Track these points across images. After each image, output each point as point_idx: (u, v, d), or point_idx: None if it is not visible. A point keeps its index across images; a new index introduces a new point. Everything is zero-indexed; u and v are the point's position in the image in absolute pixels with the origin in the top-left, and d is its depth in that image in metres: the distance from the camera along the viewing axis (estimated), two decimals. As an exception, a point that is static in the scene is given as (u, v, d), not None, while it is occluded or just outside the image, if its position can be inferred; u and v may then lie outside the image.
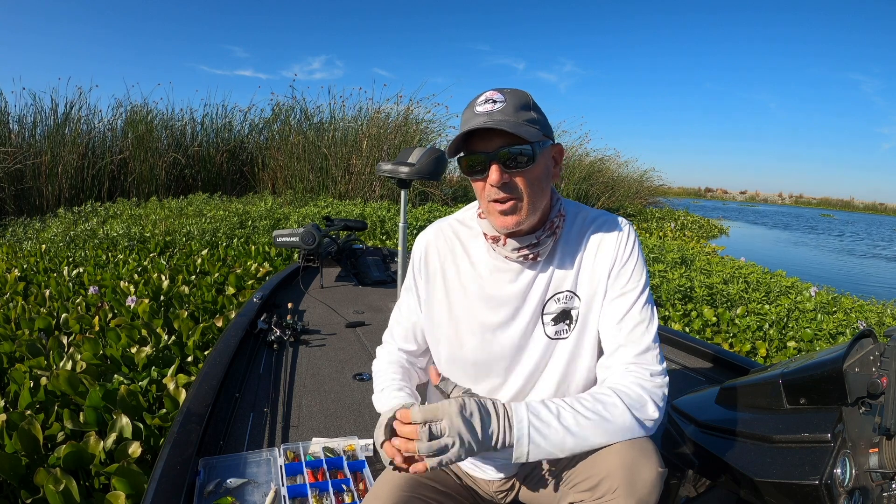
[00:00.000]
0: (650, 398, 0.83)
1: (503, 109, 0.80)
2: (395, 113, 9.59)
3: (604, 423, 0.79)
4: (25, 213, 7.34)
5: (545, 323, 0.92)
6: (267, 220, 6.09)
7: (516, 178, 0.82)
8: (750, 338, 3.35)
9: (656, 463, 0.81)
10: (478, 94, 0.84)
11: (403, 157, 2.34)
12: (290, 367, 1.87)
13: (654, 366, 0.86)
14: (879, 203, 59.41)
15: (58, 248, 4.57)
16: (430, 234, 1.01)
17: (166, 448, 1.15)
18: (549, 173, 0.88)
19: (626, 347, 0.87)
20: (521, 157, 0.80)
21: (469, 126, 0.80)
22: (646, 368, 0.85)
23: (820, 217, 32.62)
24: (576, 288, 0.92)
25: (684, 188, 54.29)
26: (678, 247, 7.03)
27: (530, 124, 0.81)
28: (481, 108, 0.81)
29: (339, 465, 1.26)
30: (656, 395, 0.84)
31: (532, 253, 0.88)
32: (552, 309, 0.92)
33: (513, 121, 0.79)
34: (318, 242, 2.95)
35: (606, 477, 0.82)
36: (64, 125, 8.40)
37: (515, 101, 0.81)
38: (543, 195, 0.86)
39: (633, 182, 15.19)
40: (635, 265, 0.90)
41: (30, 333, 2.55)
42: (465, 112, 0.85)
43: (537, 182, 0.84)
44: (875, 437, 0.90)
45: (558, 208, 0.91)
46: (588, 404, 0.80)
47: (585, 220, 0.94)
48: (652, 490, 0.79)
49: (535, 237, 0.88)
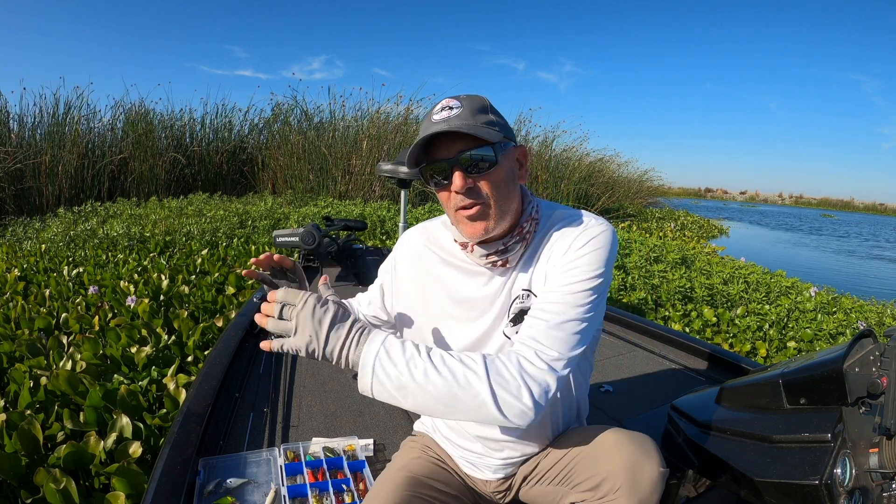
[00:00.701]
0: (523, 382, 0.73)
1: (460, 115, 0.79)
2: (395, 113, 9.61)
3: (453, 389, 0.71)
4: (25, 213, 7.34)
5: (503, 325, 0.91)
6: (267, 220, 6.09)
7: (480, 182, 0.81)
8: (750, 338, 3.35)
9: (658, 463, 0.81)
10: (434, 104, 0.84)
11: (403, 157, 2.34)
12: (290, 367, 1.87)
13: (548, 350, 0.77)
14: (879, 203, 59.41)
15: (58, 247, 4.57)
16: (415, 232, 1.03)
17: (166, 448, 1.15)
18: (515, 175, 0.86)
19: (530, 325, 0.80)
20: (482, 163, 0.80)
21: (426, 133, 0.79)
22: (537, 349, 0.77)
23: (823, 218, 32.48)
24: (531, 285, 0.89)
25: (684, 188, 54.31)
26: (678, 247, 7.03)
27: (489, 126, 0.80)
28: (438, 115, 0.80)
29: (339, 465, 1.26)
30: (534, 381, 0.74)
31: (500, 259, 0.87)
32: (513, 310, 0.90)
33: (471, 124, 0.79)
34: (318, 242, 2.94)
35: (608, 477, 0.82)
36: (64, 125, 8.40)
37: (472, 106, 0.81)
38: (510, 198, 0.85)
39: (632, 182, 15.18)
40: (586, 256, 0.82)
41: (30, 333, 2.55)
42: (422, 122, 0.84)
43: (503, 185, 0.83)
44: (875, 437, 0.90)
45: (530, 212, 0.88)
46: (449, 362, 0.73)
47: (557, 219, 0.90)
48: (654, 490, 0.79)
49: (503, 243, 0.86)
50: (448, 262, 0.96)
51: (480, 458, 1.00)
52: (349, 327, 0.74)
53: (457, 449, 1.03)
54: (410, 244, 1.02)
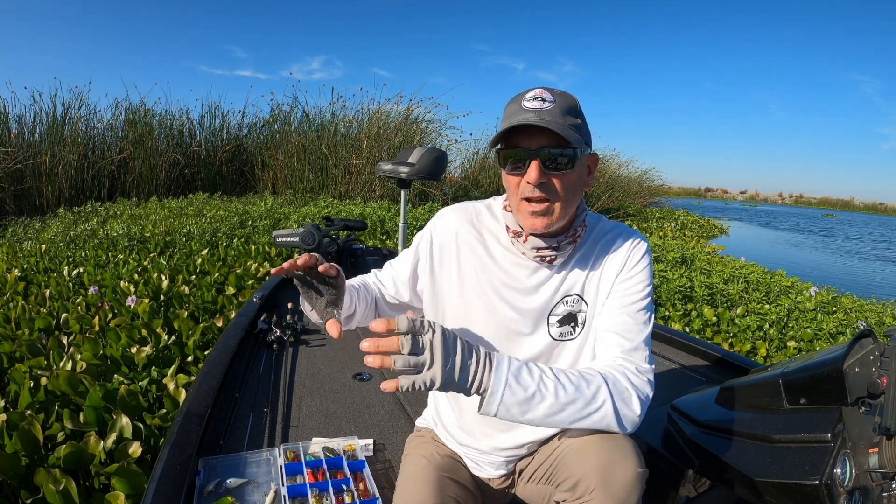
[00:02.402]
0: (635, 393, 0.81)
1: (551, 110, 0.79)
2: (395, 113, 9.60)
3: (580, 405, 0.77)
4: (25, 213, 7.34)
5: (550, 324, 0.93)
6: (267, 220, 6.09)
7: (554, 179, 0.82)
8: (750, 338, 3.35)
9: (635, 463, 0.80)
10: (524, 90, 0.83)
11: (403, 157, 2.34)
12: (289, 367, 1.87)
13: (642, 364, 0.85)
14: (880, 203, 59.41)
15: (58, 248, 4.57)
16: (455, 214, 0.98)
17: (166, 448, 1.15)
18: (583, 181, 0.88)
19: (617, 343, 0.87)
20: (561, 159, 0.80)
21: (516, 120, 0.79)
22: (634, 364, 0.85)
23: (828, 218, 32.15)
24: (583, 293, 0.92)
25: (684, 188, 54.31)
26: (678, 246, 7.03)
27: (575, 129, 0.81)
28: (530, 104, 0.80)
29: (339, 465, 1.26)
30: (641, 393, 0.82)
31: (550, 256, 0.89)
32: (559, 311, 0.93)
33: (560, 123, 0.79)
34: (318, 242, 2.94)
35: (583, 477, 0.82)
36: (63, 125, 8.40)
37: (564, 105, 0.81)
38: (575, 201, 0.86)
39: (633, 182, 15.18)
40: (640, 273, 0.91)
41: (30, 333, 2.55)
42: (509, 105, 0.84)
43: (572, 187, 0.84)
44: (875, 437, 0.90)
45: (583, 218, 0.92)
46: (575, 380, 0.78)
47: (603, 229, 0.95)
48: (631, 491, 0.79)
49: (557, 241, 0.88)
50: (491, 247, 0.95)
51: (484, 455, 1.01)
52: (475, 352, 0.74)
53: (461, 447, 1.04)
54: (451, 224, 0.98)
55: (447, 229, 0.97)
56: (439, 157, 2.33)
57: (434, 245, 0.98)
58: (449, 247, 0.97)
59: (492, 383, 0.73)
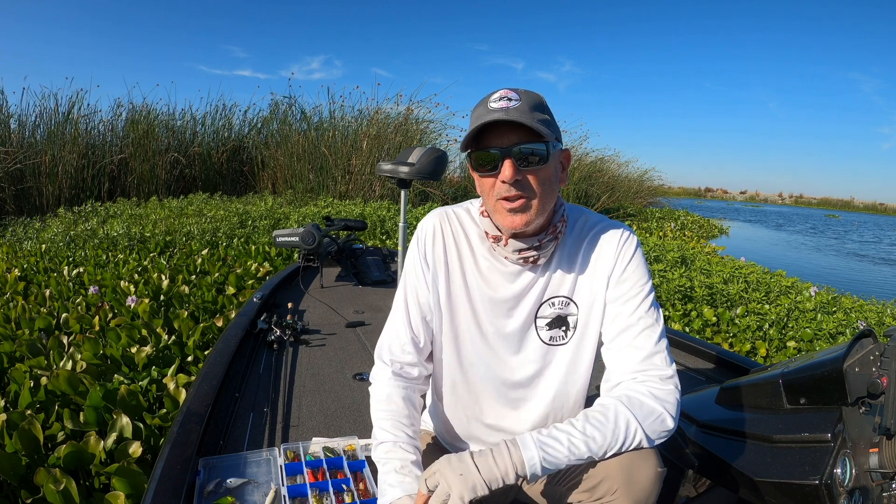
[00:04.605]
0: (664, 409, 0.81)
1: (519, 107, 0.79)
2: (395, 113, 9.61)
3: (612, 443, 0.78)
4: (25, 213, 7.33)
5: (539, 327, 0.92)
6: (267, 220, 6.09)
7: (529, 175, 0.81)
8: (750, 338, 3.35)
9: (655, 463, 0.81)
10: (490, 92, 0.83)
11: (403, 157, 2.34)
12: (290, 367, 1.87)
13: (663, 369, 0.84)
14: (880, 203, 59.37)
15: (58, 247, 4.57)
16: (437, 219, 0.97)
17: (166, 448, 1.15)
18: (558, 176, 0.87)
19: (632, 354, 0.86)
20: (533, 156, 0.80)
21: (485, 119, 0.79)
22: (654, 374, 0.84)
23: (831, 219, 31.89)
24: (573, 294, 0.91)
25: (684, 188, 54.28)
26: (678, 246, 7.03)
27: (544, 125, 0.81)
28: (496, 104, 0.80)
29: (339, 464, 1.26)
30: (670, 405, 0.82)
31: (533, 256, 0.88)
32: (546, 313, 0.91)
33: (529, 118, 0.79)
34: (318, 242, 2.94)
35: (605, 478, 0.82)
36: (64, 124, 8.40)
37: (531, 101, 0.81)
38: (552, 197, 0.86)
39: (633, 182, 15.20)
40: (635, 270, 0.89)
41: (30, 333, 2.55)
42: (476, 108, 0.84)
43: (548, 182, 0.83)
44: (875, 436, 0.90)
45: (562, 213, 0.91)
46: (600, 424, 0.79)
47: (586, 225, 0.93)
48: (651, 491, 0.79)
49: (538, 240, 0.87)
50: (474, 255, 0.94)
51: None
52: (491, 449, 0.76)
53: (461, 447, 1.04)
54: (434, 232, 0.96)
55: (433, 235, 0.96)
56: (439, 157, 2.33)
57: (429, 250, 0.96)
58: (437, 252, 0.95)
59: (526, 462, 0.75)
